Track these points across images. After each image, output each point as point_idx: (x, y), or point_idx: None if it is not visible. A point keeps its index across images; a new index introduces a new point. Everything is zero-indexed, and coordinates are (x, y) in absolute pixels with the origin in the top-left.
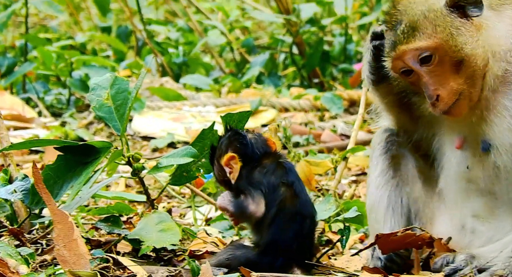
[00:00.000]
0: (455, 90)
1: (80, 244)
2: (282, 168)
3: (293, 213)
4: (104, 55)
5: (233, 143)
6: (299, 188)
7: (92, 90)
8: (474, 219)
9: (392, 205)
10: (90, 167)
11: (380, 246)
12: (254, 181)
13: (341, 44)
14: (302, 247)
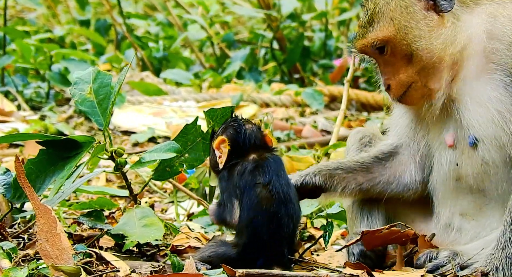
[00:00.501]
0: (403, 81)
1: (63, 239)
2: (261, 166)
3: (271, 213)
4: (83, 49)
5: (228, 128)
6: (277, 186)
7: (74, 84)
8: (462, 217)
9: (368, 203)
10: (72, 162)
11: (365, 242)
12: (231, 186)
13: (321, 40)
14: (281, 246)
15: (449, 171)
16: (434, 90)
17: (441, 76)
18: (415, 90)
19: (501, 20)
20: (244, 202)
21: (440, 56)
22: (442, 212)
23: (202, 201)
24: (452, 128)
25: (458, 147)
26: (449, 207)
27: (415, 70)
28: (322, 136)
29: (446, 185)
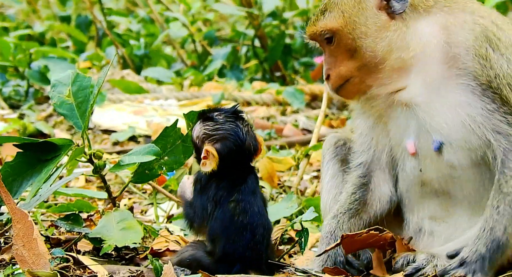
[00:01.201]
0: (343, 74)
1: (40, 244)
2: (236, 185)
3: (244, 224)
4: (64, 46)
5: (227, 143)
6: (251, 202)
7: (53, 87)
8: (431, 221)
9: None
10: (50, 165)
11: (345, 246)
12: (205, 198)
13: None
14: (257, 253)
15: (413, 178)
16: (372, 88)
17: (383, 77)
18: (352, 84)
19: (453, 29)
20: (217, 214)
21: (384, 57)
22: (411, 218)
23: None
24: (414, 135)
25: (420, 153)
26: (417, 212)
27: (356, 65)
28: (303, 135)
29: (411, 191)
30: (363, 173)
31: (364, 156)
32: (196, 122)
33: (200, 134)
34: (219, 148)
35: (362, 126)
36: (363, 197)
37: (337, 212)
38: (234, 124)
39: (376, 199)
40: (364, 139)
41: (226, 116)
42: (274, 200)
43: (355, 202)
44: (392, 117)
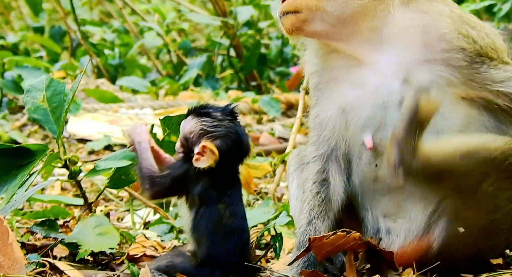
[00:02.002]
0: (294, 3)
1: (15, 249)
2: (226, 188)
3: (232, 229)
4: (37, 56)
5: (227, 141)
6: (239, 207)
7: (27, 92)
8: (385, 218)
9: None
10: (25, 170)
11: (315, 250)
12: (192, 191)
13: (278, 47)
14: (241, 259)
15: (368, 172)
16: (319, 36)
17: (336, 33)
18: (296, 18)
19: (434, 15)
20: (202, 212)
21: (352, 17)
22: (366, 216)
23: (158, 209)
24: (373, 129)
25: (379, 148)
26: (370, 210)
27: (316, 4)
28: (279, 144)
29: (363, 187)
30: (322, 167)
31: (323, 148)
32: (187, 117)
33: (196, 129)
34: (220, 145)
35: (321, 115)
36: (327, 195)
37: (310, 217)
38: (233, 123)
39: (336, 193)
40: (323, 129)
41: (223, 113)
42: (250, 206)
43: (322, 202)
44: (353, 104)
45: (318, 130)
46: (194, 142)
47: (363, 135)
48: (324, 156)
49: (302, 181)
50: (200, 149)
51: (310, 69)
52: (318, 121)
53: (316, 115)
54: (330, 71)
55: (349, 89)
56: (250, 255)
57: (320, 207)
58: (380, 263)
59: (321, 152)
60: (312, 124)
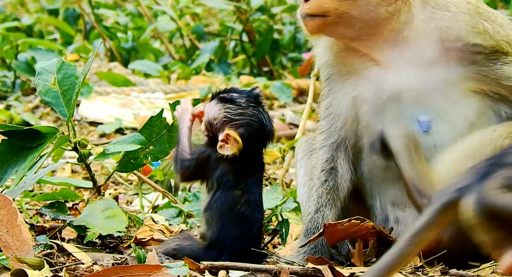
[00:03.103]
0: (323, 7)
1: (24, 230)
2: (246, 174)
3: (244, 215)
4: (51, 38)
5: (250, 130)
6: (256, 195)
7: (38, 75)
8: (393, 207)
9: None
10: (35, 152)
11: (328, 236)
12: (208, 171)
13: (291, 33)
14: (248, 246)
15: (378, 161)
16: (344, 39)
17: (361, 35)
18: (325, 23)
19: (451, 13)
20: (218, 195)
21: (379, 22)
22: (374, 205)
23: (167, 193)
24: (390, 118)
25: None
26: (378, 198)
27: (345, 9)
28: (290, 130)
29: (373, 175)
30: (331, 156)
31: (332, 138)
32: (211, 101)
33: (220, 116)
34: (243, 134)
35: (332, 106)
36: (335, 183)
37: (318, 205)
38: (257, 110)
39: (343, 182)
40: (334, 119)
41: (248, 100)
42: None
43: (330, 190)
44: (366, 97)
45: (329, 120)
46: (218, 128)
47: (375, 126)
48: (333, 146)
49: (310, 168)
50: (224, 137)
51: (322, 62)
52: (329, 112)
53: (328, 105)
54: (344, 66)
55: (362, 83)
56: (260, 244)
57: (328, 195)
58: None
59: (330, 141)
60: (323, 114)
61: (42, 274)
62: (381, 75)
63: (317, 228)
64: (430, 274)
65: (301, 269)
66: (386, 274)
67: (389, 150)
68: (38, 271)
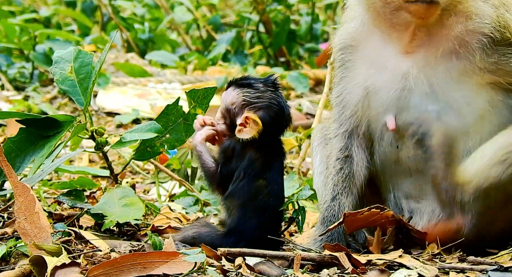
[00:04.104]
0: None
1: (42, 217)
2: (269, 163)
3: (265, 205)
4: (69, 30)
5: (270, 112)
6: (279, 186)
7: (55, 63)
8: (407, 199)
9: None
10: (52, 141)
11: (347, 224)
12: (234, 163)
13: (307, 23)
14: (266, 236)
15: (390, 154)
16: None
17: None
18: (440, 8)
19: (475, 7)
20: (240, 186)
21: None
22: (389, 197)
23: (184, 182)
24: (396, 111)
25: (401, 130)
26: (392, 191)
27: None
28: (307, 119)
29: (385, 168)
30: (345, 144)
31: (345, 126)
32: (227, 89)
33: (239, 100)
34: (263, 116)
35: (344, 94)
36: (350, 171)
37: (334, 193)
38: (276, 94)
39: (359, 169)
40: (345, 107)
41: (266, 85)
42: None
43: (346, 178)
44: (378, 86)
45: (341, 108)
46: (236, 113)
47: (385, 116)
48: (346, 134)
49: (325, 155)
50: (242, 120)
51: (340, 45)
52: (340, 99)
53: (340, 93)
54: (362, 49)
55: (376, 71)
56: (278, 233)
57: (344, 182)
58: (407, 241)
59: (343, 130)
60: (335, 101)
61: (60, 261)
62: (398, 63)
63: (333, 216)
64: (447, 261)
65: (318, 256)
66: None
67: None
68: (56, 258)
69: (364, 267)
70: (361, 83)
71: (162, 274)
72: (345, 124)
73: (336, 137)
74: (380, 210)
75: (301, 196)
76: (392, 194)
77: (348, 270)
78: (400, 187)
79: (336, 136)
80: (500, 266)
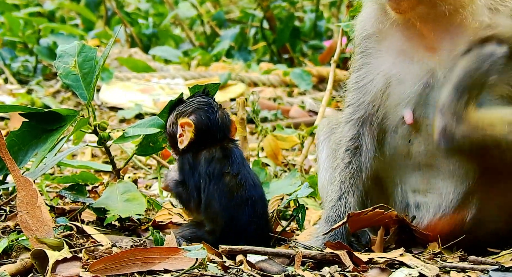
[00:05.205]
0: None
1: (44, 211)
2: (227, 156)
3: (244, 198)
4: (73, 24)
5: (199, 111)
6: (245, 175)
7: (59, 58)
8: (414, 193)
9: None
10: (55, 135)
11: (351, 224)
12: (197, 175)
13: (311, 21)
14: (258, 228)
15: (401, 147)
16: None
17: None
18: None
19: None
20: (211, 190)
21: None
22: (395, 191)
23: None
24: (415, 105)
25: (416, 124)
26: (399, 185)
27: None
28: (309, 117)
29: (394, 161)
30: (356, 133)
31: (360, 112)
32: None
33: (173, 117)
34: (194, 117)
35: (364, 81)
36: (359, 165)
37: (341, 192)
38: (203, 98)
39: (367, 161)
40: (363, 94)
41: (195, 96)
42: (277, 177)
43: (354, 173)
44: (400, 76)
45: (358, 94)
46: (175, 130)
47: (403, 109)
48: (360, 120)
49: (332, 149)
50: (180, 130)
51: (365, 32)
52: (359, 85)
53: (359, 79)
54: (384, 39)
55: (399, 61)
56: (268, 222)
57: (351, 179)
58: (410, 240)
59: (358, 115)
60: (352, 87)
61: (61, 255)
62: (424, 58)
63: (338, 216)
64: (448, 261)
65: (319, 254)
66: None
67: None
68: (58, 252)
69: (365, 265)
70: (385, 72)
71: (163, 270)
72: (361, 111)
73: (348, 123)
74: (384, 210)
75: (300, 194)
76: (399, 187)
77: (349, 268)
78: (408, 181)
79: (349, 121)
80: (501, 266)
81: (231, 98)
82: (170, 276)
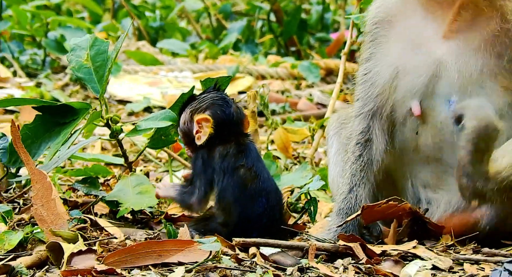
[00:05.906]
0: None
1: (58, 204)
2: (242, 151)
3: (258, 190)
4: (80, 17)
5: (214, 106)
6: (260, 169)
7: (71, 51)
8: (425, 189)
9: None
10: (68, 128)
11: (364, 216)
12: (210, 170)
13: (318, 13)
14: (272, 220)
15: (409, 141)
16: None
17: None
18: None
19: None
20: (226, 184)
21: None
22: (406, 185)
23: None
24: (422, 96)
25: (423, 116)
26: (410, 180)
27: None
28: (318, 109)
29: (404, 156)
30: (366, 126)
31: (369, 105)
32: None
33: (187, 115)
34: (211, 112)
35: (372, 72)
36: (369, 157)
37: (352, 184)
38: (216, 93)
39: (378, 153)
40: (372, 85)
41: (207, 92)
42: (288, 170)
43: (364, 166)
44: (408, 67)
45: (366, 86)
46: (191, 127)
47: (411, 101)
48: (370, 113)
49: (342, 144)
50: (196, 127)
51: (376, 18)
52: (368, 77)
53: (368, 70)
54: (399, 26)
55: (410, 51)
56: (282, 214)
57: (362, 172)
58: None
59: (367, 109)
60: (362, 79)
61: (76, 248)
62: (434, 47)
63: (350, 209)
64: (462, 253)
65: (332, 246)
66: None
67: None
68: (73, 244)
69: (378, 257)
70: (392, 62)
71: (177, 262)
72: (370, 104)
73: (359, 116)
74: (397, 202)
75: (311, 187)
76: (409, 182)
77: (362, 261)
78: (418, 175)
79: (359, 115)
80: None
81: (240, 91)
82: (184, 268)
